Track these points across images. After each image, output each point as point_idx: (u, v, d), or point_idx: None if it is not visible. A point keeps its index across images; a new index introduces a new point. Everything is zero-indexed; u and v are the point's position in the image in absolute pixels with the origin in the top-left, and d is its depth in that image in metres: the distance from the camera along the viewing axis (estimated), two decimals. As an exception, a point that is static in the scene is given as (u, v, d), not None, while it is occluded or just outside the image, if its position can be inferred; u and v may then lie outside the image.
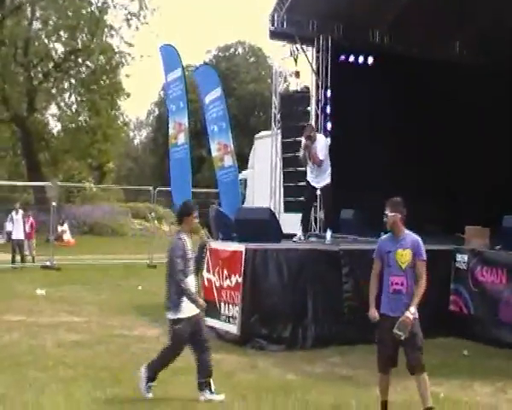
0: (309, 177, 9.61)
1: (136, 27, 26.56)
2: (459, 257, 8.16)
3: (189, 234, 5.58)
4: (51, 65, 26.49)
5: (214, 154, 13.15)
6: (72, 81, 27.46)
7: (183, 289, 5.32)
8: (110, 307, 9.69)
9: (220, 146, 12.97)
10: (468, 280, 7.97)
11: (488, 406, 5.27)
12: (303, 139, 9.57)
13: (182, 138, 12.62)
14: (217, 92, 12.76)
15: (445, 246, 8.55)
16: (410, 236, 5.09)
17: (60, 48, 26.90)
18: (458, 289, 8.09)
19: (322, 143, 9.45)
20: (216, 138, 13.02)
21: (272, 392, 5.50)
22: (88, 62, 27.11)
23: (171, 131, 12.88)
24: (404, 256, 4.97)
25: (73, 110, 27.98)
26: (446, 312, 8.09)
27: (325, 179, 9.58)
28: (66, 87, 27.52)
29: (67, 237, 20.93)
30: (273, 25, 12.01)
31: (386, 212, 5.13)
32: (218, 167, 13.16)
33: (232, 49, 43.28)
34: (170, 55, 12.74)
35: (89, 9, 25.87)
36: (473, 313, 7.89)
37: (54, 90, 27.37)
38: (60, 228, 20.29)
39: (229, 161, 12.93)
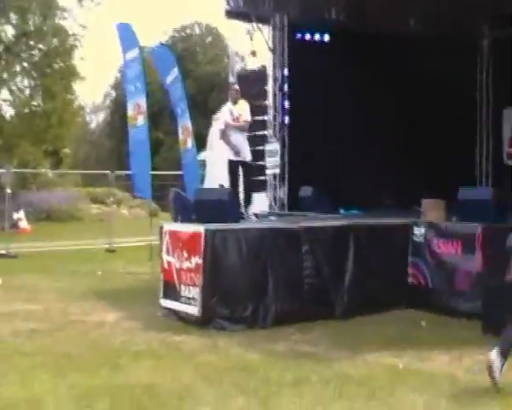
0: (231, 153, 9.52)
1: (90, 8, 26.05)
2: (416, 230, 8.27)
3: None
4: (1, 48, 25.79)
5: (180, 137, 13.13)
6: (25, 65, 26.78)
7: None
8: (69, 293, 9.56)
9: (183, 129, 12.96)
10: (426, 252, 8.09)
11: (445, 375, 5.36)
12: (230, 105, 9.55)
13: (141, 119, 12.49)
14: (174, 73, 12.65)
15: (403, 219, 8.66)
16: None
17: (10, 30, 26.20)
18: (416, 262, 8.21)
19: (247, 106, 9.56)
20: (180, 121, 13.01)
21: (234, 371, 5.50)
22: (41, 45, 26.47)
23: (130, 112, 12.71)
24: None
25: (27, 95, 27.33)
26: (405, 284, 8.21)
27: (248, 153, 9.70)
28: (18, 71, 26.83)
29: (23, 224, 20.54)
30: (229, 4, 11.94)
31: None
32: (183, 150, 13.15)
33: (188, 30, 42.90)
34: (127, 34, 12.53)
35: (40, -10, 25.22)
36: (430, 284, 8.02)
37: (5, 75, 26.66)
38: (15, 215, 19.88)
39: (189, 142, 12.93)
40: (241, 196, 9.80)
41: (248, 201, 9.75)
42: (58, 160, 29.73)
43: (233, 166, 9.71)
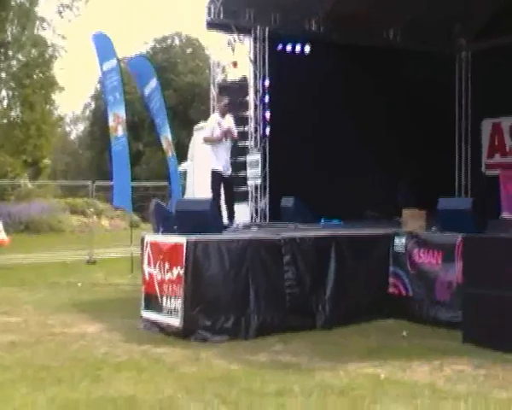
0: (219, 164, 9.50)
1: (69, 20, 25.99)
2: (397, 240, 8.31)
3: None
4: (-21, 58, 25.62)
5: (164, 147, 13.14)
6: (3, 75, 26.63)
7: None
8: (48, 305, 9.46)
9: (166, 140, 12.99)
10: (406, 262, 8.13)
11: (426, 384, 5.38)
12: (218, 117, 9.57)
13: (121, 131, 12.49)
14: (153, 83, 12.64)
15: (384, 230, 8.71)
16: None
17: (-13, 40, 26.01)
18: (397, 272, 8.25)
19: (232, 120, 9.60)
20: (162, 133, 13.02)
21: (216, 383, 5.48)
22: (19, 55, 26.32)
23: (110, 123, 12.69)
24: None
25: (5, 105, 27.16)
26: (386, 295, 8.24)
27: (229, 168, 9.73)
28: (-5, 81, 26.68)
29: (2, 235, 20.21)
30: (210, 15, 11.96)
31: None
32: (168, 159, 13.18)
33: (169, 41, 42.88)
34: (103, 44, 12.50)
35: (18, 0, 25.09)
36: (411, 294, 8.06)
37: (-17, 85, 26.49)
38: (-7, 227, 19.62)
39: (169, 152, 12.95)
40: (224, 208, 9.78)
41: (232, 213, 9.72)
42: (37, 170, 29.50)
43: (217, 177, 9.67)
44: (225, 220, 9.51)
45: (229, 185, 9.87)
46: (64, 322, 8.21)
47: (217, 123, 9.60)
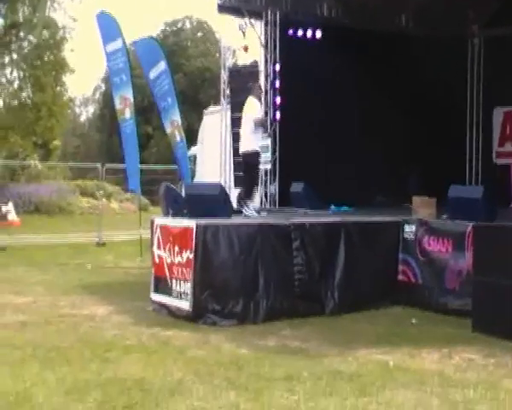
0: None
1: (80, 1, 25.90)
2: (407, 228, 8.29)
3: None
4: (-10, 38, 25.58)
5: (168, 131, 13.03)
6: (14, 56, 26.60)
7: None
8: (58, 286, 9.52)
9: (171, 123, 12.87)
10: (416, 250, 8.12)
11: (435, 372, 5.39)
12: (257, 101, 9.37)
13: (128, 113, 12.43)
14: (161, 66, 12.51)
15: (394, 217, 8.69)
16: None
17: (-1, 21, 25.98)
18: (406, 259, 8.24)
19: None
20: (167, 116, 12.89)
21: (224, 367, 5.50)
22: (30, 37, 26.27)
23: (117, 106, 12.63)
24: None
25: (16, 86, 27.16)
26: (395, 282, 8.24)
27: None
28: (7, 62, 26.63)
29: (12, 216, 20.35)
30: (221, -2, 11.87)
31: None
32: (174, 144, 13.09)
33: (179, 24, 42.66)
34: (108, 24, 12.37)
35: (30, -18, 25.02)
36: (420, 281, 8.05)
37: (-6, 66, 26.48)
38: (4, 208, 19.72)
39: (178, 136, 12.86)
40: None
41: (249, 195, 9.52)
42: (47, 152, 29.54)
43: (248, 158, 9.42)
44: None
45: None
46: (74, 303, 8.27)
47: (258, 106, 9.45)
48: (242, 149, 9.24)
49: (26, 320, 7.21)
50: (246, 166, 9.37)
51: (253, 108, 9.22)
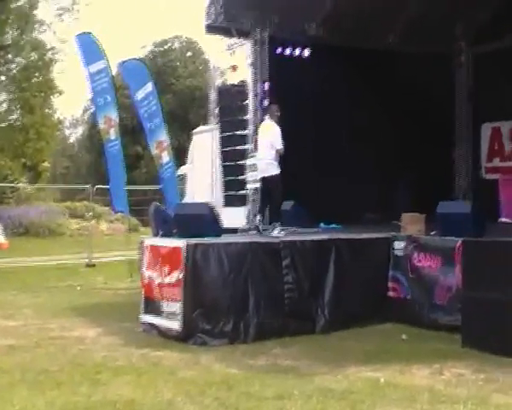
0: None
1: (69, 23, 25.99)
2: (396, 244, 8.32)
3: None
4: (-22, 61, 25.62)
5: (154, 152, 13.04)
6: (2, 78, 26.64)
7: None
8: (48, 309, 9.45)
9: (157, 143, 12.87)
10: (406, 266, 8.14)
11: (426, 388, 5.38)
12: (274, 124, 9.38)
13: (113, 134, 12.41)
14: (148, 88, 12.55)
15: (384, 234, 8.71)
16: None
17: (-14, 43, 26.02)
18: (396, 276, 8.26)
19: None
20: (153, 137, 12.89)
21: (215, 386, 5.47)
22: (19, 59, 26.32)
23: (101, 125, 12.62)
24: None
25: (4, 108, 27.16)
26: (386, 298, 8.24)
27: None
28: (-5, 84, 26.68)
29: (1, 239, 20.24)
30: (209, 18, 11.94)
31: None
32: (159, 165, 13.07)
33: (168, 44, 42.85)
34: (90, 45, 12.40)
35: (18, 4, 25.10)
36: (410, 298, 8.06)
37: (-18, 88, 26.49)
38: (-7, 230, 19.61)
39: (166, 157, 12.85)
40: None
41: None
42: (37, 174, 29.49)
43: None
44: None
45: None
46: (63, 326, 8.21)
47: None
48: (262, 174, 9.37)
49: (14, 344, 7.15)
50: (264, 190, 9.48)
51: (269, 131, 9.27)
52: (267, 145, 9.36)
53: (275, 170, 9.32)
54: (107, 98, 12.32)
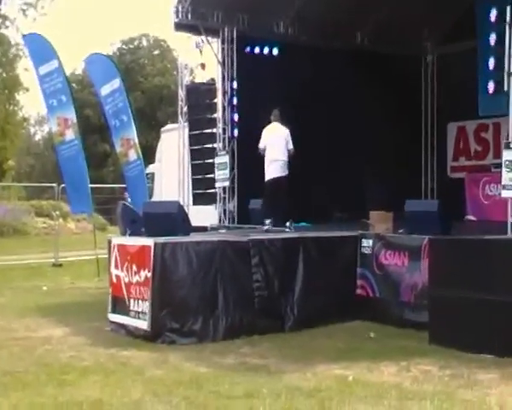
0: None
1: (34, 19, 25.59)
2: (364, 242, 8.39)
3: None
4: None
5: (118, 149, 12.88)
6: (-35, 73, 26.15)
7: None
8: (12, 309, 9.30)
9: (123, 141, 12.70)
10: (373, 264, 8.21)
11: (393, 385, 5.43)
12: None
13: (71, 134, 12.17)
14: (115, 83, 12.36)
15: (352, 232, 8.76)
16: None
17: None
18: (364, 273, 8.32)
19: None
20: (119, 134, 12.71)
21: (184, 386, 5.44)
22: (-18, 54, 25.87)
23: (54, 127, 12.38)
24: None
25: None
26: (353, 296, 8.29)
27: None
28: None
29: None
30: (177, 16, 11.87)
31: None
32: (124, 163, 12.89)
33: (136, 42, 42.54)
34: (40, 46, 12.13)
35: (-20, -1, 24.66)
36: (378, 295, 8.14)
37: None
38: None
39: (133, 155, 12.70)
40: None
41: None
42: (1, 172, 29.01)
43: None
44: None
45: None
46: (28, 326, 8.08)
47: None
48: (277, 174, 9.46)
49: (-22, 345, 7.01)
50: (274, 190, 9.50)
51: (283, 132, 9.60)
52: (282, 146, 9.46)
53: (287, 170, 9.48)
54: (62, 99, 12.06)
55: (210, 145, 12.28)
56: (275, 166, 9.54)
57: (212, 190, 12.22)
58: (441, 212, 7.99)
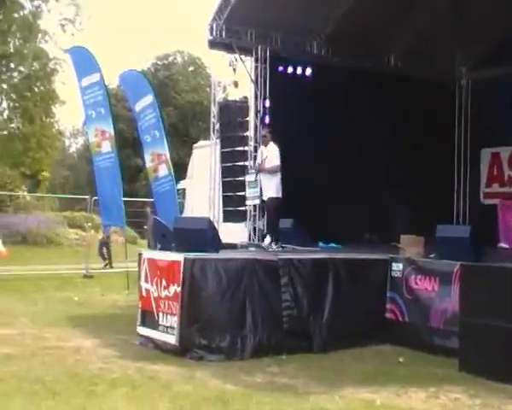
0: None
1: (72, 34, 26.08)
2: (395, 266, 8.33)
3: None
4: (-20, 69, 25.66)
5: (148, 164, 13.00)
6: (4, 86, 26.67)
7: None
8: (45, 318, 9.42)
9: (154, 156, 12.80)
10: (403, 288, 8.14)
11: (422, 411, 5.38)
12: (262, 147, 9.76)
13: (108, 146, 12.33)
14: (148, 99, 12.53)
15: (382, 255, 8.72)
16: None
17: (-11, 51, 26.05)
18: (394, 297, 8.26)
19: (275, 149, 9.70)
20: (150, 149, 12.83)
21: (210, 402, 5.46)
22: (21, 68, 26.37)
23: (92, 138, 12.57)
24: None
25: (5, 117, 27.18)
26: (383, 320, 8.24)
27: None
28: (-4, 92, 26.70)
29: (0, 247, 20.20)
30: (212, 34, 12.05)
31: None
32: (152, 178, 12.99)
33: (171, 58, 43.05)
34: (84, 59, 12.39)
35: (21, 13, 25.21)
36: (407, 320, 8.06)
37: (-17, 96, 26.51)
38: (-9, 239, 19.56)
39: (164, 170, 12.77)
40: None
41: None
42: (36, 183, 29.46)
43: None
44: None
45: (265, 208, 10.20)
46: (60, 336, 8.18)
47: (260, 153, 10.00)
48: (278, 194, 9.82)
49: (10, 353, 7.12)
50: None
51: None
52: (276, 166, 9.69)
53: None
54: (101, 111, 12.26)
55: (241, 163, 12.37)
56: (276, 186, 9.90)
57: (243, 208, 12.29)
58: (473, 238, 7.91)
